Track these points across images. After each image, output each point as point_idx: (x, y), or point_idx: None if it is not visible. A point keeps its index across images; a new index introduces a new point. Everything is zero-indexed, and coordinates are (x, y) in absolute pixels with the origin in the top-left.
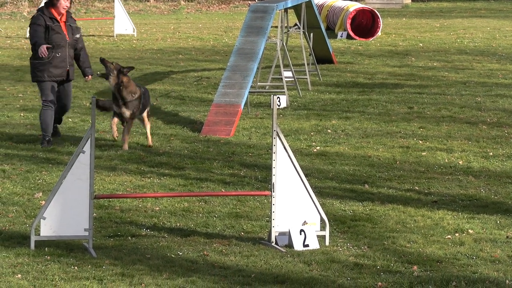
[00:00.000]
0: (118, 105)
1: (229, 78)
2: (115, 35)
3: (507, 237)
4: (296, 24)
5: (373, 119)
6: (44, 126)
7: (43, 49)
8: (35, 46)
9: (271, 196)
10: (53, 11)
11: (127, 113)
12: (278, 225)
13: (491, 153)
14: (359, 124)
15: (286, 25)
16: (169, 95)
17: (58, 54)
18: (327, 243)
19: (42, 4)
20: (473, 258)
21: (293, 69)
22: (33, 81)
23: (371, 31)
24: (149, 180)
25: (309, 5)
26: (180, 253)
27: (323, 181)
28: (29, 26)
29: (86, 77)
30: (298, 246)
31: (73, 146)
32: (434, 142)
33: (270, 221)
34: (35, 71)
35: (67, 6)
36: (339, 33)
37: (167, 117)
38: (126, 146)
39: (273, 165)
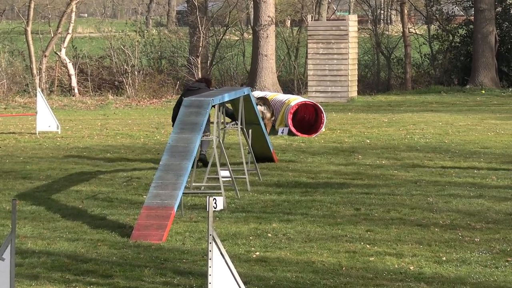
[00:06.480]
0: None
1: (162, 178)
2: (37, 132)
3: None
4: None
5: (316, 222)
6: None
7: None
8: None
9: None
10: None
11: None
12: None
13: (444, 258)
14: (301, 228)
15: (222, 120)
16: (96, 197)
17: None
18: None
19: None
20: None
21: (230, 168)
22: None
23: (314, 127)
24: None
25: (248, 99)
26: None
27: None
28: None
29: None
30: None
31: None
32: (383, 246)
33: None
34: None
35: None
36: (280, 129)
37: (94, 221)
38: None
39: (209, 272)
